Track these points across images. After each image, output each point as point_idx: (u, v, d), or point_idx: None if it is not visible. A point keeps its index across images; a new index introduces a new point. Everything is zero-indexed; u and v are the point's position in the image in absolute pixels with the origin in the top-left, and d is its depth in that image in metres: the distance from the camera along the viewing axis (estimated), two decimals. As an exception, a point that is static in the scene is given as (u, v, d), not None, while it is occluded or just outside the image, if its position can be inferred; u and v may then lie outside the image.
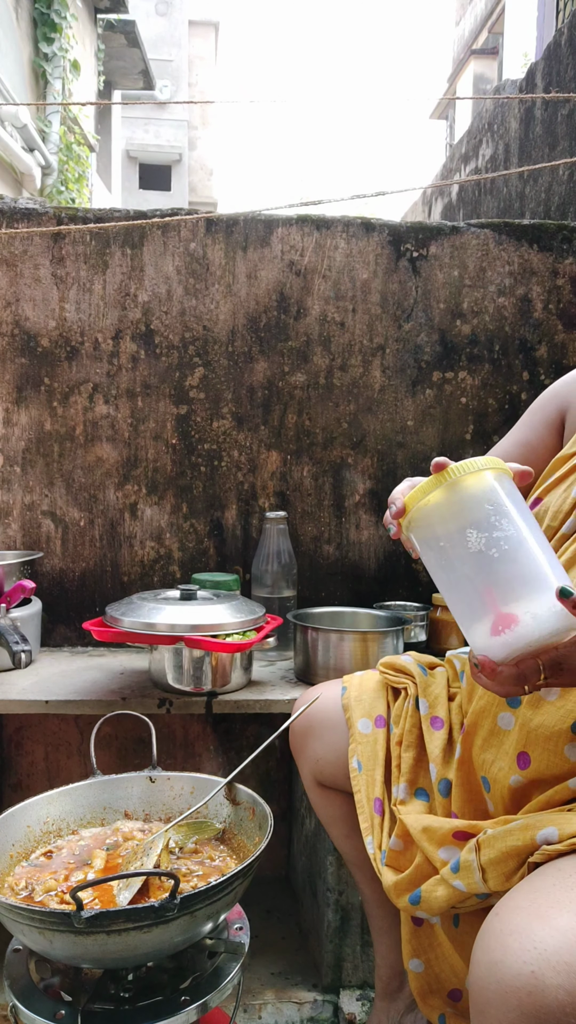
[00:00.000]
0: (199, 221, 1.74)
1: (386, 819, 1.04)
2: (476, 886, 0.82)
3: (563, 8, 3.14)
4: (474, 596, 0.77)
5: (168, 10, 15.87)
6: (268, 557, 1.67)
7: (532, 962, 0.62)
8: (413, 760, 1.05)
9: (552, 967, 0.61)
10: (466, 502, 0.79)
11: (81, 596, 1.80)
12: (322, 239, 1.76)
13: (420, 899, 0.91)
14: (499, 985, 0.63)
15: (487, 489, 0.79)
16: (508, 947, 0.64)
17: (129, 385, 1.77)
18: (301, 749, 1.19)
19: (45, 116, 6.33)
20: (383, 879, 0.98)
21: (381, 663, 1.19)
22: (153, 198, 15.57)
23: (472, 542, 0.77)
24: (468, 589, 0.78)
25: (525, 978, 0.61)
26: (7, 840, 0.99)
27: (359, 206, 12.49)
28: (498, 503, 0.78)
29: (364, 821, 1.05)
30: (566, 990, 0.60)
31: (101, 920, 0.78)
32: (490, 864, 0.81)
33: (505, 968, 0.63)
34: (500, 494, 0.79)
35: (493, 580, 0.76)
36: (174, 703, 1.40)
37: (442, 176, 4.44)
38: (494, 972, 0.64)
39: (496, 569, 0.76)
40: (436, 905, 0.88)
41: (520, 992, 0.61)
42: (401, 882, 0.95)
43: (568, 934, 0.63)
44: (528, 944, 0.63)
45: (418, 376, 1.80)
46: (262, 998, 1.39)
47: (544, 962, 0.61)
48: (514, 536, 0.77)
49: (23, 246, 1.73)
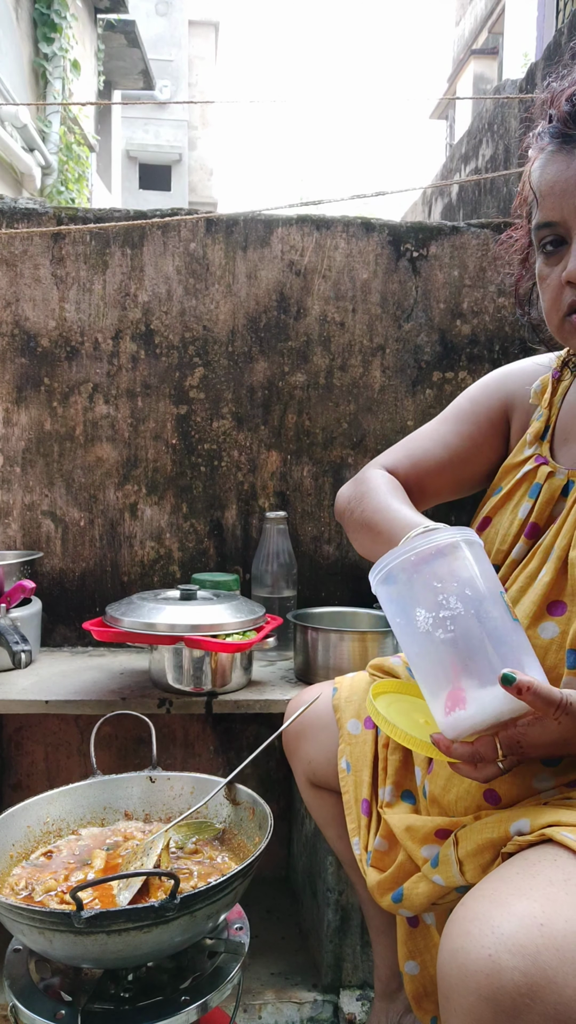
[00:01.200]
0: (199, 221, 1.74)
1: (373, 820, 1.04)
2: (454, 879, 0.83)
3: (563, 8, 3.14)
4: (428, 674, 0.77)
5: (168, 10, 15.87)
6: (268, 557, 1.67)
7: (490, 946, 0.63)
8: (399, 762, 1.05)
9: (508, 950, 0.62)
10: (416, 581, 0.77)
11: (81, 596, 1.80)
12: (322, 239, 1.76)
13: (402, 897, 0.91)
14: (460, 970, 0.64)
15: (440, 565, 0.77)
16: (469, 933, 0.65)
17: (129, 385, 1.77)
18: (294, 750, 1.19)
19: (45, 116, 6.33)
20: (367, 879, 0.98)
21: (370, 664, 1.19)
22: (153, 198, 15.57)
23: (420, 622, 0.75)
24: (423, 666, 0.77)
25: (483, 962, 0.63)
26: (7, 840, 0.99)
27: (359, 206, 12.49)
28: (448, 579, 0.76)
29: (351, 822, 1.06)
30: (521, 971, 0.61)
31: (101, 920, 0.78)
32: (467, 857, 0.82)
33: (465, 954, 0.64)
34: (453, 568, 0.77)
35: (440, 661, 0.75)
36: (174, 703, 1.40)
37: (442, 176, 4.45)
38: (456, 958, 0.65)
39: (442, 651, 0.75)
40: (418, 902, 0.89)
41: (478, 975, 0.62)
42: (384, 881, 0.95)
43: (525, 919, 0.64)
44: (487, 929, 0.64)
45: (418, 376, 1.80)
46: (262, 998, 1.39)
47: (501, 945, 0.63)
48: (461, 616, 0.74)
49: (23, 246, 1.73)
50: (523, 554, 0.94)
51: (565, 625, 0.87)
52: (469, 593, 0.75)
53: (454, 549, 0.78)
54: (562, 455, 0.98)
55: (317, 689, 1.20)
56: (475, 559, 0.79)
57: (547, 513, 0.94)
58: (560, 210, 0.84)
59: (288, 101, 17.19)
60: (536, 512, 0.94)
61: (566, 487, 0.94)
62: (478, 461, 1.07)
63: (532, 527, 0.94)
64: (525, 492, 0.97)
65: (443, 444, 1.08)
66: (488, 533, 1.00)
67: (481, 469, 1.08)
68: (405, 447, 1.11)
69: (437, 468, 1.07)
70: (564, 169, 0.84)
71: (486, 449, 1.07)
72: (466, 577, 0.76)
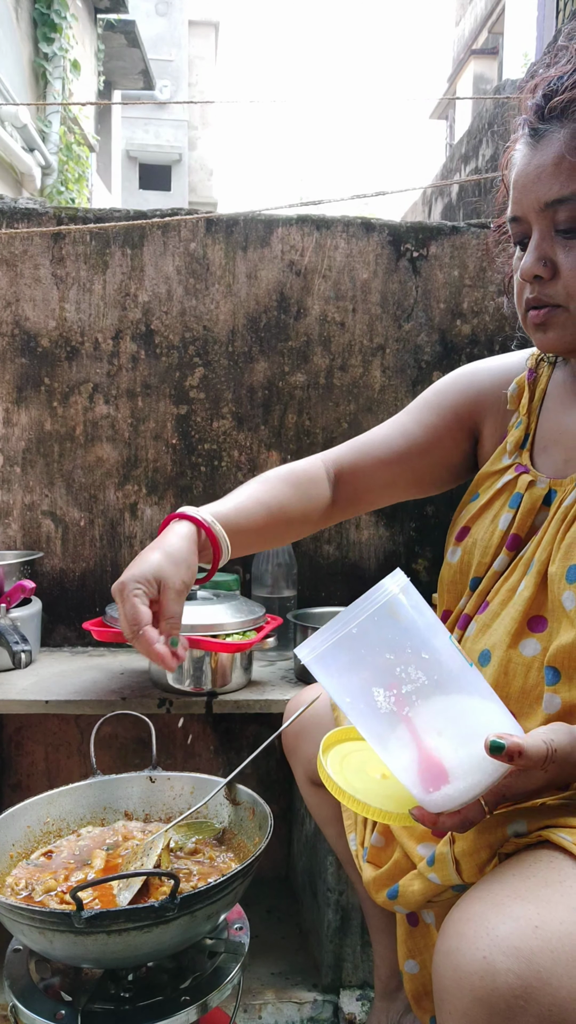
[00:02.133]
0: (199, 221, 1.74)
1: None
2: (451, 878, 0.83)
3: (563, 8, 3.14)
4: (397, 751, 0.71)
5: (168, 10, 15.87)
6: (268, 557, 1.67)
7: (484, 948, 0.63)
8: None
9: (502, 952, 0.62)
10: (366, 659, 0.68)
11: (81, 596, 1.80)
12: (322, 239, 1.76)
13: (398, 894, 0.91)
14: (455, 971, 0.64)
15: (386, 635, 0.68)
16: (464, 935, 0.65)
17: (129, 385, 1.77)
18: (294, 750, 1.19)
19: (45, 116, 6.33)
20: (363, 875, 0.98)
21: None
22: (153, 198, 15.57)
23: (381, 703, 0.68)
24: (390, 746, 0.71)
25: (478, 963, 0.62)
26: (7, 840, 0.99)
27: (359, 206, 12.50)
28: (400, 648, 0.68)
29: (348, 818, 1.06)
30: (515, 973, 0.61)
31: (101, 920, 0.78)
32: (464, 856, 0.81)
33: (460, 955, 0.64)
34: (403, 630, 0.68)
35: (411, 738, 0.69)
36: (174, 703, 1.40)
37: (442, 176, 4.45)
38: (451, 959, 0.65)
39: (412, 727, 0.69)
40: (413, 899, 0.89)
41: (473, 977, 0.62)
42: (380, 877, 0.95)
43: (520, 920, 0.64)
44: (482, 931, 0.64)
45: (418, 376, 1.80)
46: (262, 998, 1.39)
47: (495, 947, 0.62)
48: (426, 687, 0.68)
49: (23, 246, 1.73)
50: (504, 566, 0.93)
51: (546, 642, 0.86)
52: (426, 656, 0.69)
53: (396, 607, 0.69)
54: (542, 463, 0.96)
55: (317, 689, 1.20)
56: (417, 610, 0.70)
57: (528, 524, 0.92)
58: (521, 205, 0.84)
59: (288, 101, 17.21)
60: (517, 523, 0.92)
61: (547, 496, 0.92)
62: (438, 453, 1.05)
63: (513, 539, 0.92)
64: (505, 502, 0.95)
65: (401, 432, 1.06)
66: (467, 543, 0.98)
67: (441, 463, 1.05)
68: (358, 439, 1.09)
69: (393, 457, 1.05)
70: (527, 164, 0.83)
71: (448, 442, 1.04)
72: (419, 639, 0.69)
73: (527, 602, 0.87)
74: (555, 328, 0.86)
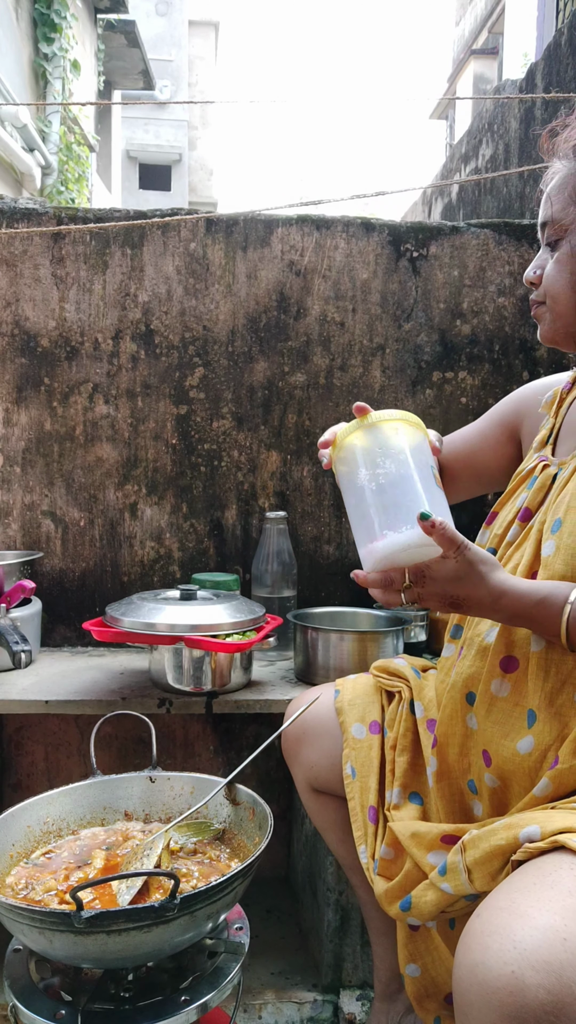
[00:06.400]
0: (199, 221, 1.74)
1: (380, 827, 1.04)
2: (463, 887, 0.82)
3: (563, 8, 3.14)
4: (360, 522, 0.91)
5: (168, 10, 15.86)
6: (268, 557, 1.66)
7: (512, 962, 0.61)
8: (407, 764, 1.05)
9: (532, 966, 0.60)
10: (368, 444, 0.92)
11: (81, 596, 1.80)
12: (322, 239, 1.76)
13: (411, 905, 0.90)
14: (480, 986, 0.62)
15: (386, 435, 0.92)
16: (488, 947, 0.64)
17: (129, 385, 1.77)
18: (295, 755, 1.19)
19: (45, 116, 6.32)
20: (375, 888, 0.98)
21: (374, 666, 1.19)
22: (153, 198, 15.55)
23: (360, 477, 0.91)
24: (356, 516, 0.92)
25: (506, 978, 0.61)
26: (7, 840, 0.99)
27: (359, 206, 12.49)
28: (387, 446, 0.91)
29: (358, 830, 1.05)
30: (546, 989, 0.59)
31: (101, 920, 0.78)
32: (475, 864, 0.80)
33: (486, 969, 0.62)
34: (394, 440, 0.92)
35: (369, 508, 0.89)
36: (174, 703, 1.40)
37: (442, 176, 4.45)
38: (476, 973, 0.63)
39: (371, 500, 0.89)
40: (426, 910, 0.88)
41: (501, 992, 0.61)
42: (392, 889, 0.95)
43: (548, 932, 0.62)
44: (508, 944, 0.63)
45: (418, 376, 1.80)
46: (262, 998, 1.39)
47: (524, 961, 0.61)
48: (393, 473, 0.90)
49: (23, 246, 1.73)
50: (516, 536, 1.01)
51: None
52: (401, 459, 0.91)
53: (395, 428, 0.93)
54: (560, 452, 1.05)
55: (317, 691, 1.20)
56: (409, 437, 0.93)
57: (539, 500, 1.00)
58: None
59: (288, 101, 17.19)
60: (530, 499, 1.00)
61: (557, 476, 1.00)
62: (490, 456, 1.20)
63: (525, 512, 1.00)
64: (524, 486, 1.04)
65: (469, 435, 1.25)
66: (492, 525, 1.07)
67: (492, 464, 1.20)
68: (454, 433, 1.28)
69: (464, 452, 1.24)
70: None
71: (496, 447, 1.20)
72: (398, 447, 0.92)
73: (528, 562, 0.95)
74: (543, 322, 1.01)
